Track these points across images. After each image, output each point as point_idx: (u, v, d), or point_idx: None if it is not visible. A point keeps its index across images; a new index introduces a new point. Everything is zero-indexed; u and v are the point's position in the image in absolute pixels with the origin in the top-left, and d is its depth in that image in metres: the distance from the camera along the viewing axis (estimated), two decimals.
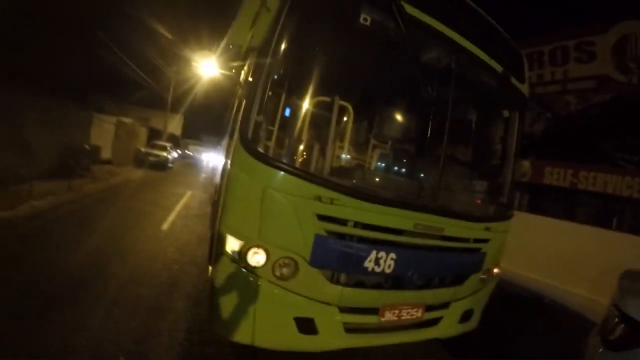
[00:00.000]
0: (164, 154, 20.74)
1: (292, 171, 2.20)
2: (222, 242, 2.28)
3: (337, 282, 2.39)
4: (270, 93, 2.22)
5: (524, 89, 3.26)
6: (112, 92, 22.67)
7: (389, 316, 2.54)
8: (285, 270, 2.19)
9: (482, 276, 3.08)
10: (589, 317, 4.42)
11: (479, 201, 3.53)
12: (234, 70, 2.34)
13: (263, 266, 2.15)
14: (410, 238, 2.50)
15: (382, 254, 2.38)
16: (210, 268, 2.58)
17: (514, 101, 3.32)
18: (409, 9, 2.37)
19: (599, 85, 7.42)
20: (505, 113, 3.50)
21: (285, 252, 2.17)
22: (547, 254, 6.19)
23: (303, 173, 2.24)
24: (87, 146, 13.26)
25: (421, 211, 2.50)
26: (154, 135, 24.78)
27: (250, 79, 2.37)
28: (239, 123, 2.26)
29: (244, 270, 2.17)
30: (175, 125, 35.93)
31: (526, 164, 7.62)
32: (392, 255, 2.41)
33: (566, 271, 5.92)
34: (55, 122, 11.40)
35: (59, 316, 3.01)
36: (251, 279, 2.17)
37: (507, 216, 3.24)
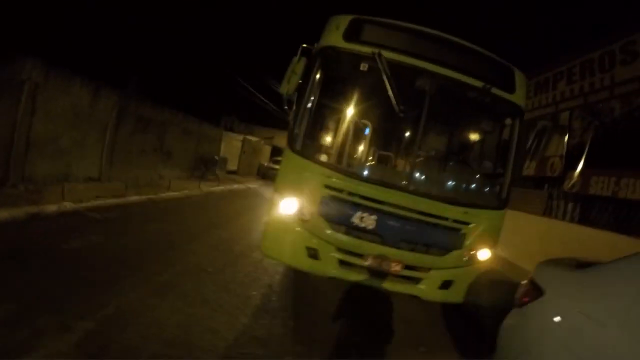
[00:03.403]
0: None
1: (311, 159, 3.55)
2: (273, 198, 3.64)
3: (336, 230, 3.41)
4: (301, 116, 3.55)
5: (515, 98, 3.69)
6: (240, 115, 27.19)
7: (371, 261, 3.40)
8: (304, 217, 3.39)
9: (465, 255, 3.60)
10: None
11: (460, 191, 4.35)
12: (286, 107, 3.75)
13: (293, 213, 3.42)
14: (386, 207, 3.35)
15: (366, 214, 3.34)
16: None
17: (502, 110, 3.84)
18: (388, 55, 3.37)
19: None
20: (498, 120, 4.08)
21: (306, 205, 3.39)
22: None
23: (316, 161, 3.60)
24: (216, 157, 16.89)
25: (396, 189, 3.42)
26: (277, 152, 28.19)
27: (293, 109, 3.68)
28: (288, 135, 3.61)
29: (282, 214, 3.47)
30: None
31: (575, 174, 7.17)
32: (373, 217, 3.34)
33: None
34: (191, 136, 14.85)
35: (178, 248, 5.15)
36: (285, 219, 3.45)
37: (493, 207, 3.78)
